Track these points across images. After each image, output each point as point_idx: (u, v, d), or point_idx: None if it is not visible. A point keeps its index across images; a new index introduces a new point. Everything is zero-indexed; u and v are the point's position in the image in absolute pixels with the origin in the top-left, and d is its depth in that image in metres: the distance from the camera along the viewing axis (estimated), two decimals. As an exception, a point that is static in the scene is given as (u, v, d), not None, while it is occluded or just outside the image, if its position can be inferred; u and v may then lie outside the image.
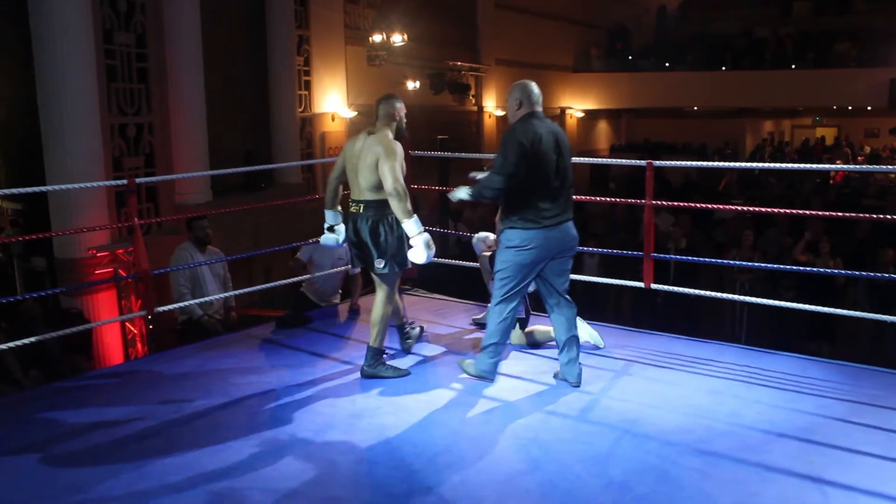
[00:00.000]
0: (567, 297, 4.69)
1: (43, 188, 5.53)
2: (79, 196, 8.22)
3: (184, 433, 4.09)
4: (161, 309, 5.72)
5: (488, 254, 5.48)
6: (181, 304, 6.14)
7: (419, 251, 4.54)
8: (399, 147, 4.64)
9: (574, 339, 4.67)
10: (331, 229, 5.10)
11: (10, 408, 4.59)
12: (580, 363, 4.72)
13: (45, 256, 8.46)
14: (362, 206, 4.74)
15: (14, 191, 6.03)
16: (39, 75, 8.24)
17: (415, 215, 4.52)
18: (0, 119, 8.88)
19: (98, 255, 8.36)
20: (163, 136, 9.69)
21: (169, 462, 3.75)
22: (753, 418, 4.15)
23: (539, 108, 4.61)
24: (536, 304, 5.53)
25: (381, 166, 4.53)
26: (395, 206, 4.53)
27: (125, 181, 5.41)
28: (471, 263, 6.29)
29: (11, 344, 4.96)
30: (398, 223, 4.66)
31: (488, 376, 4.72)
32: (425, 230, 4.58)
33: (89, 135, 8.43)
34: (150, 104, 9.57)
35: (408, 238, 4.62)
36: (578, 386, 4.62)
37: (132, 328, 8.68)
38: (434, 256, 4.66)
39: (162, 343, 8.34)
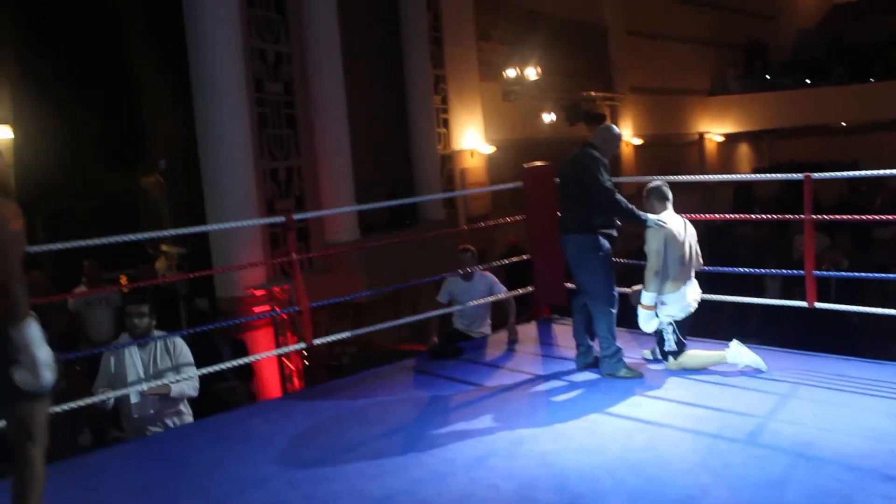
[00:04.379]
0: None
1: (205, 228, 5.88)
2: (237, 238, 8.67)
3: (346, 461, 4.19)
4: (318, 342, 5.91)
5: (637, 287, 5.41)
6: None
7: None
8: None
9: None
10: None
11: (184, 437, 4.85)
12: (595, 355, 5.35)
13: (209, 297, 8.94)
14: None
15: (178, 231, 6.45)
16: (200, 127, 8.82)
17: None
18: (166, 170, 9.52)
19: (256, 293, 8.75)
20: (311, 178, 10.12)
21: (334, 489, 3.85)
22: (944, 441, 3.87)
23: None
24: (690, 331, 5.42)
25: None
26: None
27: (283, 218, 5.67)
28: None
29: (203, 371, 5.25)
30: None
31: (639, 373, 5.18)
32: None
33: (244, 180, 8.91)
34: (299, 148, 10.03)
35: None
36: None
37: (289, 364, 9.01)
38: None
39: (316, 378, 8.63)
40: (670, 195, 5.35)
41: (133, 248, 8.82)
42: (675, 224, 5.25)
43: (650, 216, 5.22)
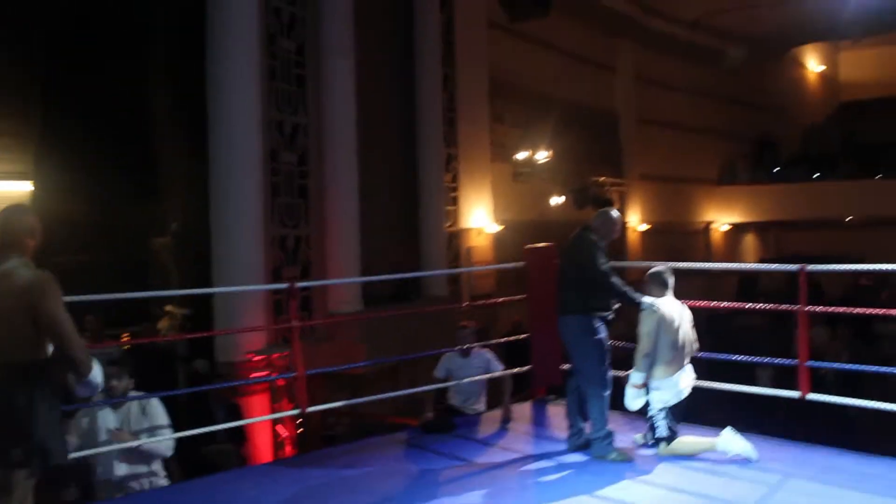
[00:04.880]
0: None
1: (210, 290, 5.97)
2: (241, 302, 8.76)
3: (333, 530, 4.20)
4: (312, 409, 5.93)
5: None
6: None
7: None
8: None
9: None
10: None
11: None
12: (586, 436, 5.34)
13: (208, 359, 8.98)
14: None
15: (183, 292, 6.54)
16: (213, 194, 9.00)
17: None
18: (178, 233, 9.67)
19: (255, 358, 8.79)
20: (319, 247, 10.26)
21: (319, 557, 3.85)
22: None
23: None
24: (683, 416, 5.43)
25: None
26: None
27: (286, 285, 5.77)
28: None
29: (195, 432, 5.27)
30: None
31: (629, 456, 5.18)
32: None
33: (253, 247, 9.05)
34: (308, 218, 10.20)
35: None
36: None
37: (283, 431, 8.98)
38: None
39: (310, 447, 8.60)
40: (671, 282, 5.43)
41: (138, 307, 8.92)
42: (671, 309, 5.32)
43: (645, 299, 5.30)
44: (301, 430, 8.47)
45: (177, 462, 6.30)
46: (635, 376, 5.25)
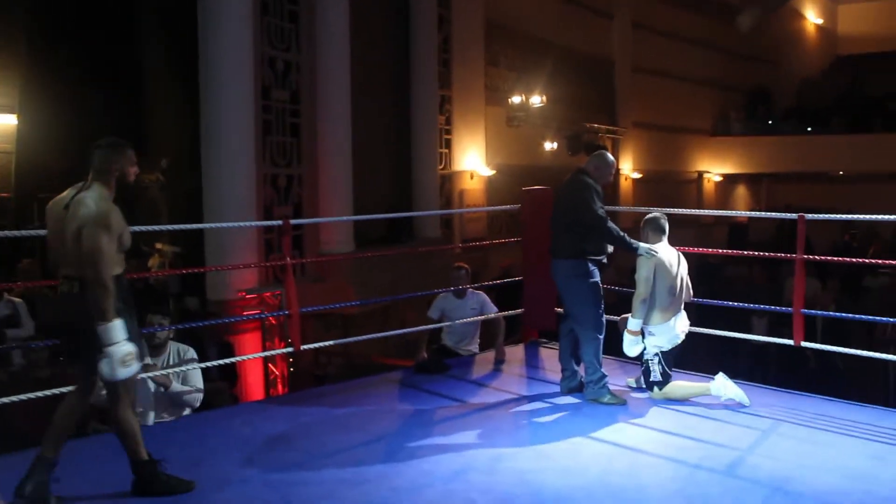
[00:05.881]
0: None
1: (201, 225, 5.90)
2: (232, 240, 8.69)
3: (325, 466, 4.20)
4: (306, 347, 5.92)
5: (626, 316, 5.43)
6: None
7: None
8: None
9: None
10: None
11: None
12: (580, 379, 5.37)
13: (199, 298, 8.94)
14: None
15: (173, 227, 6.45)
16: (204, 129, 8.86)
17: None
18: (168, 169, 9.54)
19: (247, 297, 8.76)
20: (311, 187, 10.16)
21: (312, 492, 3.86)
22: (922, 485, 3.90)
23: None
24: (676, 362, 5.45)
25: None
26: None
27: (280, 222, 5.70)
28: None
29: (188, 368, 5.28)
30: None
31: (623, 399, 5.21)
32: None
33: (244, 184, 8.94)
34: (301, 157, 10.09)
35: None
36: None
37: (274, 370, 9.01)
38: None
39: (301, 386, 8.63)
40: (666, 227, 5.39)
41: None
42: (668, 255, 5.29)
43: (642, 244, 5.26)
44: (292, 369, 8.47)
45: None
46: (632, 322, 5.24)
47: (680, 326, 5.30)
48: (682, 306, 5.40)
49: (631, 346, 5.27)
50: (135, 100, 9.52)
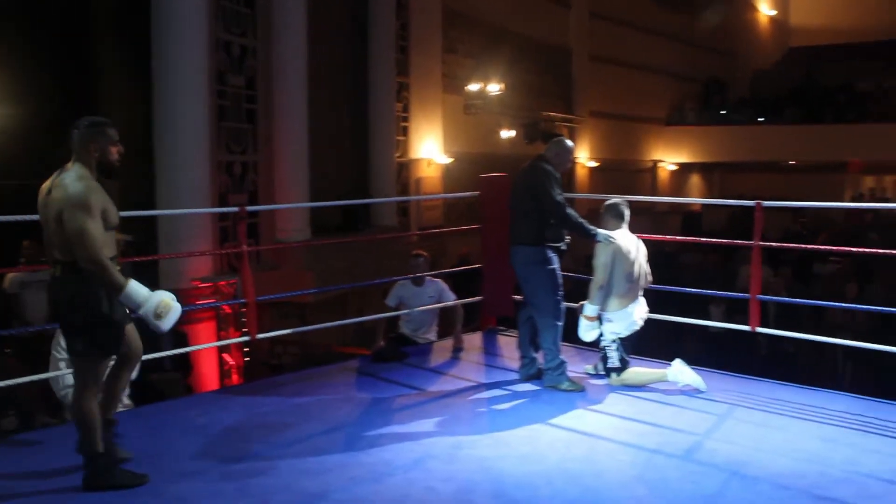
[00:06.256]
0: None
1: (154, 212, 5.77)
2: (186, 228, 8.54)
3: (283, 456, 4.13)
4: (262, 336, 5.84)
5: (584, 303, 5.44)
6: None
7: None
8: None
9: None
10: None
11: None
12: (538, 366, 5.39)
13: (152, 287, 8.76)
14: None
15: (125, 214, 6.27)
16: (157, 114, 8.68)
17: None
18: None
19: (201, 285, 8.62)
20: (267, 174, 10.03)
21: (270, 483, 3.80)
22: (873, 467, 3.96)
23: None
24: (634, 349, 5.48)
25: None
26: None
27: (236, 208, 5.60)
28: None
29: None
30: None
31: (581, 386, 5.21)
32: None
33: (198, 171, 8.79)
34: (257, 144, 9.95)
35: None
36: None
37: (229, 360, 8.88)
38: None
39: (256, 376, 8.52)
40: (626, 214, 5.41)
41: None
42: (627, 242, 5.31)
43: (600, 231, 5.27)
44: (248, 359, 8.36)
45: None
46: (589, 308, 5.25)
47: (638, 313, 5.33)
48: (641, 293, 5.43)
49: (587, 332, 5.28)
50: (86, 85, 9.28)
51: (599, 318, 5.28)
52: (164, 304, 3.60)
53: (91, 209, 3.48)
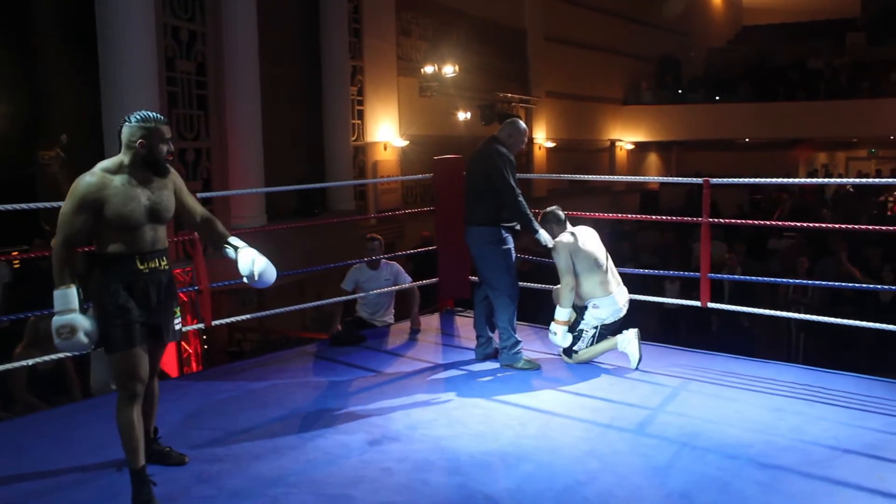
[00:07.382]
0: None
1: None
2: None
3: (240, 441, 4.13)
4: (217, 322, 5.81)
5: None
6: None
7: None
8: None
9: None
10: None
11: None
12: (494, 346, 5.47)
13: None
14: None
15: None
16: (105, 102, 8.51)
17: None
18: (68, 145, 9.15)
19: (156, 275, 8.51)
20: (220, 161, 9.91)
21: (226, 469, 3.78)
22: (817, 434, 4.06)
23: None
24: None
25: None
26: None
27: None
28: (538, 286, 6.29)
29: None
30: None
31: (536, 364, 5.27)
32: None
33: (150, 159, 8.64)
34: (209, 130, 9.82)
35: None
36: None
37: (187, 347, 8.81)
38: None
39: (216, 364, 8.47)
40: (563, 216, 5.46)
41: (29, 224, 8.47)
42: (574, 237, 5.34)
43: (542, 234, 5.29)
44: (206, 346, 8.30)
45: (80, 377, 6.13)
46: (561, 312, 5.27)
47: (621, 299, 5.37)
48: (618, 278, 5.47)
49: (562, 338, 5.30)
50: (30, 74, 9.09)
51: (569, 323, 5.30)
52: (66, 328, 3.35)
53: (76, 197, 3.41)
